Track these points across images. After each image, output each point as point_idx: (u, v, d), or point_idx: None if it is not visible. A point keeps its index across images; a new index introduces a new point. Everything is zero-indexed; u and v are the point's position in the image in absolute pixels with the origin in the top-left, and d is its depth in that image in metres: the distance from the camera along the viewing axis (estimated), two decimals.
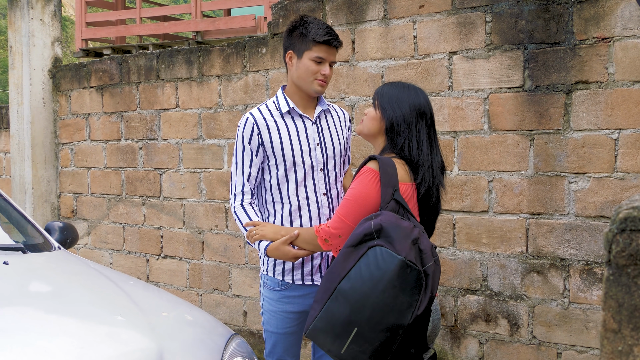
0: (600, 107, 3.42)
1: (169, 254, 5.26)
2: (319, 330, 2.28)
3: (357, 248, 2.26)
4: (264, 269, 2.84)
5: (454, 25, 3.85)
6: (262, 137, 2.71)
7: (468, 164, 3.84)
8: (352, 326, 2.21)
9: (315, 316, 2.29)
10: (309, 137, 2.76)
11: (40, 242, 3.25)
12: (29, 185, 5.87)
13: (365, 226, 2.28)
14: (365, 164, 2.45)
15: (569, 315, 3.56)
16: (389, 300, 2.18)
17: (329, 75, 2.72)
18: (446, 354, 3.95)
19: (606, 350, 1.27)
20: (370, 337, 2.21)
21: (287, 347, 2.87)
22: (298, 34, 2.70)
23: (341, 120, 2.93)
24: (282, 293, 2.80)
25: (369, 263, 2.22)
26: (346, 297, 2.23)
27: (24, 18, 5.91)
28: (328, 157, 2.80)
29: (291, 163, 2.72)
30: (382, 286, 2.18)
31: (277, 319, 2.82)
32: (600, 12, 3.41)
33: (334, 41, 2.69)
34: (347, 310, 2.22)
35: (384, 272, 2.19)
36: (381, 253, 2.21)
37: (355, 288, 2.21)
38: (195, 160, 5.05)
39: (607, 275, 1.27)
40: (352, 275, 2.23)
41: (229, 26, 7.10)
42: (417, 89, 2.55)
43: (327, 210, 2.79)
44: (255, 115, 2.74)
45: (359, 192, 2.41)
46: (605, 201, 3.43)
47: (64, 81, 5.93)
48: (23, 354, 2.03)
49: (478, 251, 3.82)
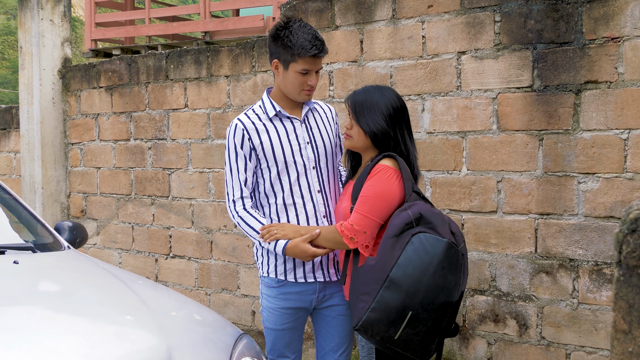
0: (610, 107, 3.41)
1: (178, 254, 5.28)
2: (373, 320, 2.39)
3: (400, 237, 2.40)
4: (264, 271, 2.85)
5: (463, 25, 3.84)
6: (252, 142, 2.74)
7: (477, 164, 3.83)
8: (407, 310, 2.35)
9: (368, 308, 2.40)
10: (299, 137, 2.79)
11: (50, 242, 3.26)
12: (39, 185, 5.90)
13: (404, 216, 2.42)
14: (379, 162, 2.54)
15: (578, 316, 3.55)
16: (440, 280, 2.36)
17: (315, 83, 2.75)
18: (455, 355, 3.95)
19: (616, 351, 1.26)
20: (424, 318, 2.36)
21: (287, 343, 2.90)
22: (282, 44, 2.70)
23: (328, 116, 2.96)
24: (280, 290, 2.82)
25: (416, 249, 2.36)
26: (399, 284, 2.36)
27: (34, 19, 5.94)
28: (319, 154, 2.83)
29: (283, 164, 2.75)
30: (432, 269, 2.35)
31: (275, 315, 2.85)
32: (609, 11, 3.39)
33: (320, 52, 2.70)
34: (402, 296, 2.35)
35: (432, 256, 2.35)
36: (426, 238, 2.37)
37: (407, 274, 2.35)
38: (203, 160, 5.06)
39: (617, 276, 1.26)
40: (402, 263, 2.37)
41: (238, 26, 7.11)
42: (388, 89, 2.67)
43: (322, 207, 2.81)
44: (244, 121, 2.77)
45: (381, 189, 2.50)
46: (615, 201, 3.42)
47: (73, 81, 5.95)
48: (32, 353, 2.04)
49: (487, 251, 3.81)
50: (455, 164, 3.89)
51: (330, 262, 2.83)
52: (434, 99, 3.94)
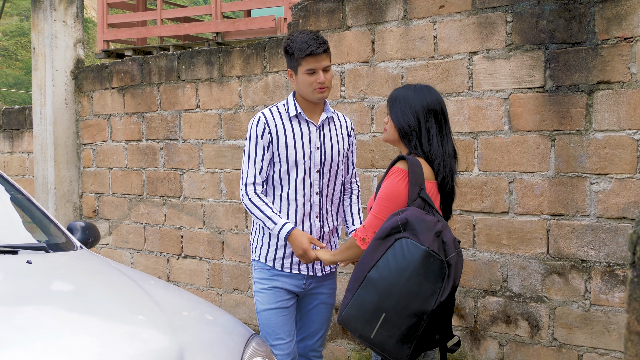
0: (623, 107, 3.39)
1: (189, 254, 5.29)
2: (350, 316, 2.50)
3: (384, 240, 2.48)
4: (257, 255, 3.09)
5: (475, 26, 3.83)
6: (271, 135, 2.97)
7: (488, 165, 3.82)
8: (381, 312, 2.43)
9: (347, 304, 2.51)
10: (311, 141, 3.02)
11: (63, 242, 3.28)
12: (52, 185, 5.94)
13: (392, 220, 2.49)
14: (394, 164, 2.64)
15: (590, 317, 3.53)
16: (414, 287, 2.40)
17: (326, 80, 2.93)
18: (466, 356, 3.94)
19: (630, 352, 1.25)
20: (397, 322, 2.43)
21: (282, 324, 3.04)
22: (288, 53, 2.95)
23: (343, 127, 3.17)
24: (273, 271, 3.06)
25: (395, 253, 2.44)
26: (375, 285, 2.45)
27: (47, 20, 5.97)
28: (325, 160, 3.05)
29: (293, 162, 2.99)
30: (407, 274, 2.41)
31: (269, 294, 3.04)
32: (622, 11, 3.38)
33: (317, 49, 2.88)
34: (376, 297, 2.44)
35: (409, 262, 2.41)
36: (407, 244, 2.44)
37: (383, 276, 2.44)
38: (215, 161, 5.08)
39: (631, 277, 1.26)
40: (380, 265, 2.46)
41: (249, 27, 7.13)
42: (425, 88, 2.74)
43: (317, 209, 3.05)
44: (267, 115, 3.01)
45: (390, 190, 2.60)
46: (628, 202, 3.40)
47: (86, 82, 5.98)
48: (45, 352, 2.06)
49: (498, 252, 3.80)
50: (467, 165, 3.88)
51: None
52: (445, 99, 3.93)
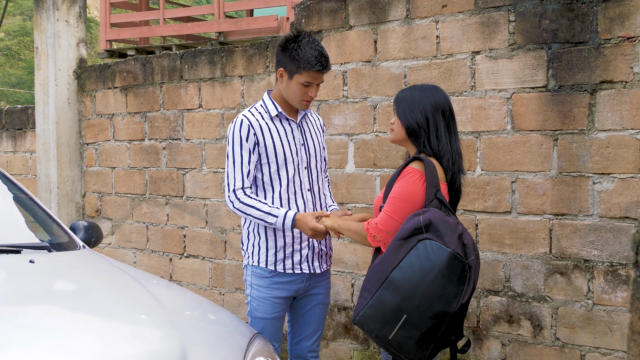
0: (626, 107, 3.39)
1: (192, 254, 5.30)
2: (369, 317, 2.48)
3: (407, 241, 2.45)
4: (254, 260, 3.06)
5: (477, 25, 3.83)
6: (257, 137, 2.95)
7: (491, 165, 3.81)
8: (402, 313, 2.42)
9: (365, 304, 2.49)
10: (295, 138, 3.03)
11: (66, 241, 3.28)
12: (54, 185, 5.94)
13: (415, 221, 2.46)
14: (408, 165, 2.63)
15: (593, 317, 3.53)
16: (438, 289, 2.39)
17: (315, 95, 2.96)
18: (468, 355, 3.94)
19: (633, 352, 1.25)
20: (418, 324, 2.41)
21: (274, 332, 3.06)
22: (290, 55, 2.91)
23: (317, 124, 3.21)
24: (272, 279, 3.03)
25: (419, 255, 2.42)
26: (397, 286, 2.43)
27: (50, 19, 5.98)
28: (310, 156, 3.07)
29: (282, 162, 2.97)
30: (432, 276, 2.39)
31: (267, 304, 3.02)
32: (625, 11, 3.37)
33: (324, 69, 2.90)
34: (398, 298, 2.42)
35: (434, 263, 2.39)
36: (431, 246, 2.42)
37: (406, 277, 2.41)
38: (218, 160, 5.08)
39: (634, 277, 1.26)
40: (403, 266, 2.43)
41: (252, 27, 7.13)
42: (433, 88, 2.74)
43: (311, 205, 3.05)
44: (249, 117, 2.97)
45: (406, 191, 2.58)
46: (630, 202, 3.39)
47: (88, 82, 5.99)
48: (48, 351, 2.06)
49: (501, 252, 3.80)
50: (470, 164, 3.88)
51: (316, 255, 3.05)
52: None
